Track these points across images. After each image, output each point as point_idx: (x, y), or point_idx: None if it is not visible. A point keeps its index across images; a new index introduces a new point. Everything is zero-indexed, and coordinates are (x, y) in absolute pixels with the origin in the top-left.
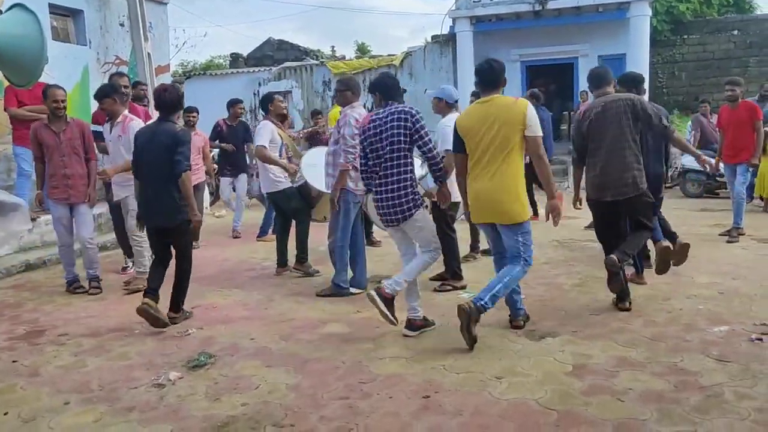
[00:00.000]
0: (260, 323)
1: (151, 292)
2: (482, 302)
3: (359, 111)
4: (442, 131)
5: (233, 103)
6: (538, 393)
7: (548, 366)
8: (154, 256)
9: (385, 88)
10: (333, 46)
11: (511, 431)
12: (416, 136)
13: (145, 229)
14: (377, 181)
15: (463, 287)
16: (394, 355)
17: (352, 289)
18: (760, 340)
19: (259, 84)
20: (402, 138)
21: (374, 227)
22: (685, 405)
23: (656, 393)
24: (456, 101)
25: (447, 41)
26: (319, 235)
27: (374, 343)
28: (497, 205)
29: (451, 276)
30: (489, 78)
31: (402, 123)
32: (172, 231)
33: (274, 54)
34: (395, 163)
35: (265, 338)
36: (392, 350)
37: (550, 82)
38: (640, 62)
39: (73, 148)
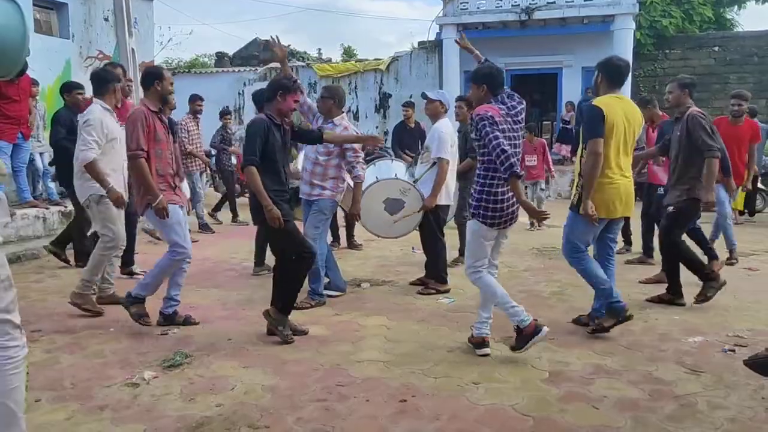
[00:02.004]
0: (238, 324)
1: None
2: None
3: (351, 126)
4: (438, 137)
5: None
6: (515, 399)
7: (525, 373)
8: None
9: (492, 79)
10: (319, 49)
11: None
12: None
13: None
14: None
15: (447, 291)
16: (373, 359)
17: (332, 293)
18: (733, 351)
19: (245, 84)
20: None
21: (355, 230)
22: (659, 414)
23: (631, 401)
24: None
25: (433, 47)
26: None
27: (353, 346)
28: (631, 199)
29: (436, 280)
30: (626, 74)
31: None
32: None
33: (260, 54)
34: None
35: (243, 339)
36: (370, 353)
37: (534, 92)
38: None
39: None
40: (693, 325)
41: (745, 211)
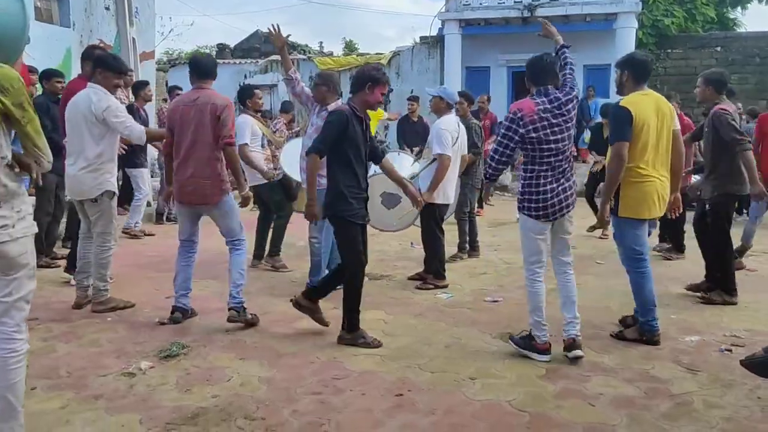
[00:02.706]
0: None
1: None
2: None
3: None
4: (437, 133)
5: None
6: (511, 395)
7: (522, 369)
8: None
9: (530, 71)
10: (321, 42)
11: (483, 431)
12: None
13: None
14: (552, 173)
15: (445, 287)
16: (369, 353)
17: None
18: (730, 351)
19: (245, 76)
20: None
21: None
22: (654, 412)
23: (627, 399)
24: (456, 103)
25: (435, 43)
26: (299, 231)
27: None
28: (666, 198)
29: (434, 275)
30: (651, 69)
31: (574, 104)
32: None
33: (261, 46)
34: (570, 153)
35: (240, 331)
36: (359, 346)
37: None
38: None
39: None
40: (690, 325)
41: (744, 211)
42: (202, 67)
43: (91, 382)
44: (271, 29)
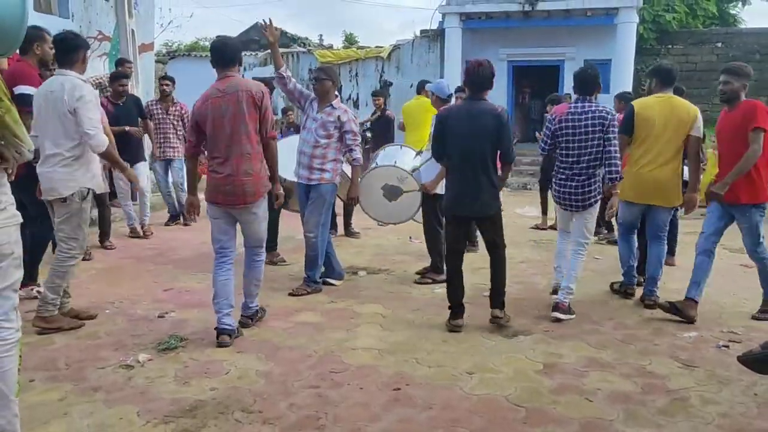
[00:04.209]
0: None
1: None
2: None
3: (350, 109)
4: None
5: (115, 78)
6: (508, 390)
7: (519, 363)
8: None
9: (584, 83)
10: (321, 35)
11: (480, 426)
12: (606, 137)
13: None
14: (568, 170)
15: (443, 282)
16: (367, 346)
17: (333, 281)
18: (727, 347)
19: (245, 69)
20: (599, 135)
21: (352, 218)
22: (651, 407)
23: (624, 394)
24: (450, 96)
25: (436, 36)
26: (297, 224)
27: (347, 334)
28: (654, 189)
29: (432, 270)
30: (675, 74)
31: (600, 122)
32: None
33: (260, 39)
34: (595, 157)
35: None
36: (365, 341)
37: (536, 84)
38: (625, 69)
39: None
40: None
41: None
42: (227, 53)
43: (90, 375)
44: (263, 23)
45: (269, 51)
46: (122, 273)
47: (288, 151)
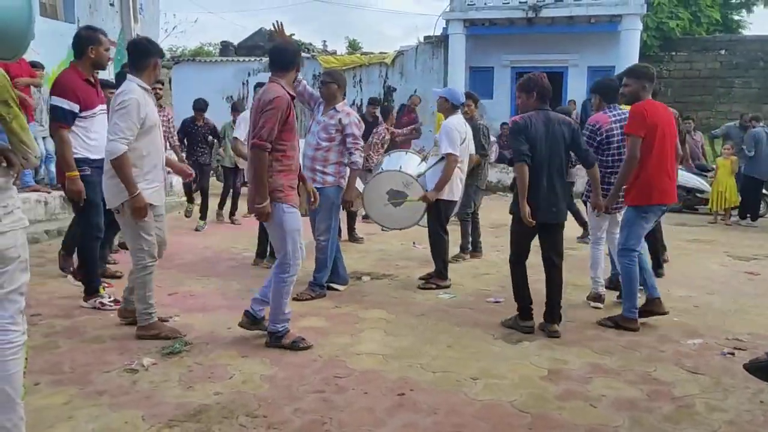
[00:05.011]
0: (238, 313)
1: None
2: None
3: (353, 112)
4: (446, 132)
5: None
6: (513, 395)
7: (524, 369)
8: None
9: (613, 91)
10: (325, 41)
11: None
12: None
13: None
14: (615, 175)
15: (447, 287)
16: (371, 351)
17: (337, 286)
18: (732, 354)
19: (249, 74)
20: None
21: (356, 224)
22: (656, 414)
23: (629, 401)
24: (462, 104)
25: (439, 43)
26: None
27: (352, 339)
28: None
29: (436, 275)
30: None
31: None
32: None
33: (265, 44)
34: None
35: (242, 328)
36: (369, 346)
37: None
38: None
39: None
40: (692, 328)
41: (748, 216)
42: (275, 58)
43: (95, 378)
44: (275, 26)
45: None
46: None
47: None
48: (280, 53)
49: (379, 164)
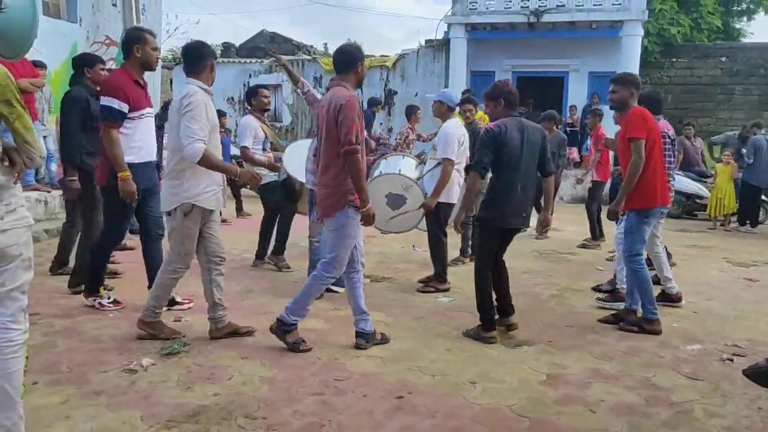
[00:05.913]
0: (237, 314)
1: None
2: None
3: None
4: (444, 136)
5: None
6: (512, 399)
7: (523, 374)
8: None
9: (660, 102)
10: (326, 43)
11: None
12: None
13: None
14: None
15: (446, 290)
16: (371, 354)
17: (336, 288)
18: (731, 360)
19: (250, 76)
20: None
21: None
22: (655, 419)
23: (627, 406)
24: (457, 105)
25: (441, 46)
26: (301, 231)
27: (351, 341)
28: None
29: (435, 278)
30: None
31: None
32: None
33: (266, 46)
34: None
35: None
36: (368, 349)
37: (538, 96)
38: None
39: None
40: (691, 333)
41: (747, 222)
42: (336, 59)
43: (93, 378)
44: (272, 54)
45: (274, 59)
46: (126, 277)
47: (302, 154)
48: (342, 55)
49: (376, 167)
